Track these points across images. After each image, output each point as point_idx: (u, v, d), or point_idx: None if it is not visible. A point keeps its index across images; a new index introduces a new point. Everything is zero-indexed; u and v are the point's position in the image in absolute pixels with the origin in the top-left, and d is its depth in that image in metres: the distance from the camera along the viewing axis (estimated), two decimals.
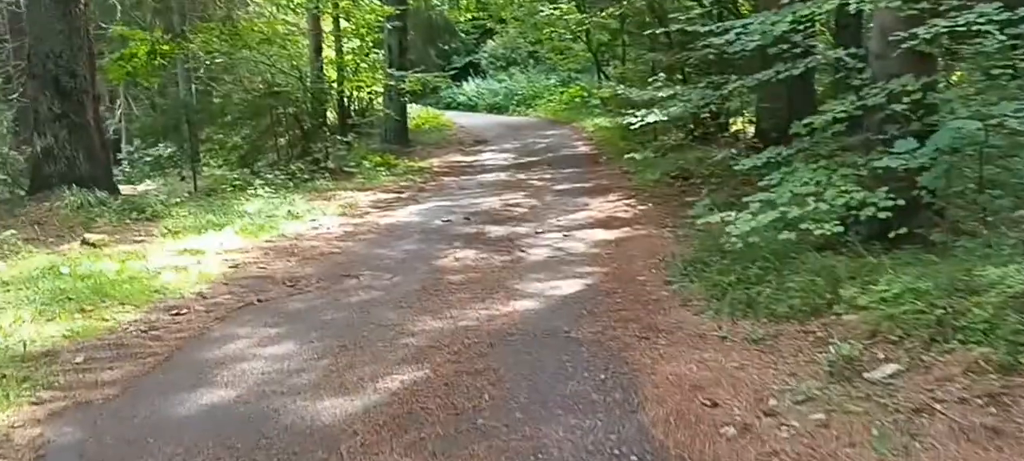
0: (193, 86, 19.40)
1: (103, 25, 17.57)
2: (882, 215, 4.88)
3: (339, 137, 18.07)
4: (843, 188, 5.24)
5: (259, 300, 5.83)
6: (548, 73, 30.36)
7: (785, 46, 6.56)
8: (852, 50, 6.38)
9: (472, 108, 32.19)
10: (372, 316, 5.27)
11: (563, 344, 4.54)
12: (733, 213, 5.52)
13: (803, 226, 5.21)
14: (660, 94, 9.04)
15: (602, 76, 24.54)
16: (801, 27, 6.20)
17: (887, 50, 5.49)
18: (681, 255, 6.40)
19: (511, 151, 17.88)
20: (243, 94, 17.28)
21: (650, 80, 10.44)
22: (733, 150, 9.97)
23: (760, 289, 5.02)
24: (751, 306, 4.87)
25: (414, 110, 26.51)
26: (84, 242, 8.05)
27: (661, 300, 5.46)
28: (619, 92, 11.75)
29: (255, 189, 11.87)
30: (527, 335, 4.74)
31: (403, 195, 11.78)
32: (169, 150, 17.90)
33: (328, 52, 22.16)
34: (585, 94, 25.73)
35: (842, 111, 5.79)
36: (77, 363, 4.52)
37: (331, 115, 22.51)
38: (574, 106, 26.01)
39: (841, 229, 5.05)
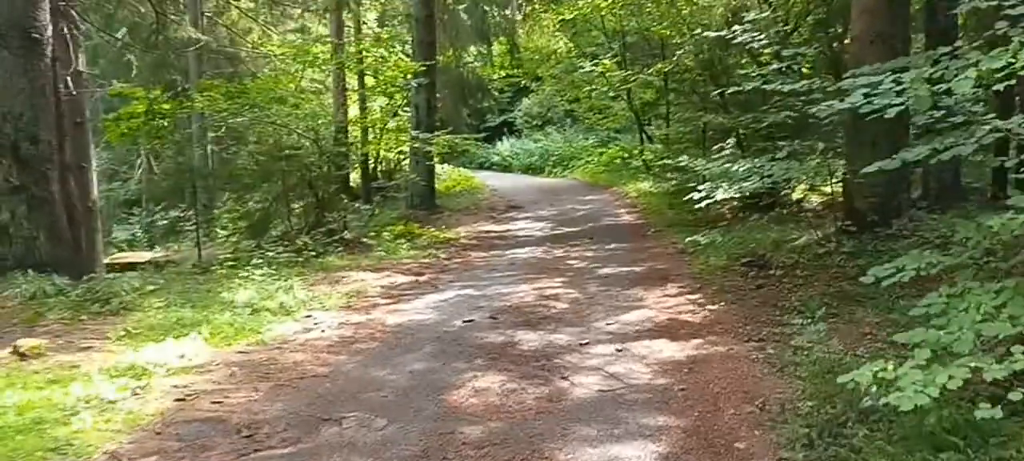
0: (209, 147, 18.12)
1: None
2: None
3: (359, 203, 16.58)
4: None
5: None
6: (586, 133, 28.80)
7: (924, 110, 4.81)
8: None
9: (506, 168, 30.72)
10: None
11: None
12: (883, 365, 3.66)
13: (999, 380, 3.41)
14: (733, 167, 7.30)
15: (644, 137, 22.92)
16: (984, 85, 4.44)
17: None
18: (791, 404, 4.57)
19: (547, 219, 16.19)
20: (256, 156, 15.89)
21: (715, 148, 8.75)
22: (816, 232, 8.21)
23: None
24: None
25: (445, 170, 25.06)
26: (15, 350, 6.42)
27: None
28: (674, 162, 9.98)
29: (253, 268, 10.29)
30: None
31: (422, 278, 10.09)
32: (179, 215, 16.60)
33: (353, 110, 20.88)
34: (625, 155, 24.07)
35: None
36: None
37: (356, 177, 21.18)
38: (614, 168, 24.36)
39: None
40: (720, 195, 7.64)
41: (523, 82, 28.99)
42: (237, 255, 12.31)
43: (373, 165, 23.19)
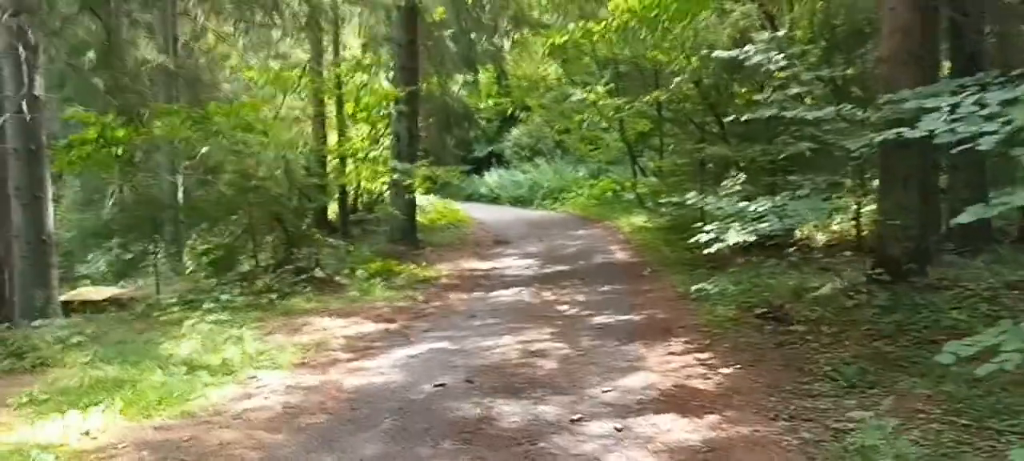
0: (179, 178, 17.02)
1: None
2: None
3: (332, 240, 15.45)
4: None
5: None
6: (576, 164, 27.79)
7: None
8: None
9: (494, 200, 29.65)
10: None
11: None
12: None
13: None
14: (750, 206, 6.25)
15: (637, 169, 21.93)
16: None
17: None
18: None
19: (536, 256, 15.10)
20: (221, 189, 14.81)
21: (725, 183, 7.73)
22: (841, 280, 7.16)
23: None
24: None
25: (430, 202, 23.98)
26: None
27: None
28: (673, 197, 8.90)
29: (205, 313, 9.18)
30: None
31: (393, 325, 8.98)
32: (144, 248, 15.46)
33: (332, 139, 19.83)
34: (618, 188, 23.05)
35: None
36: None
37: (334, 210, 20.08)
38: (606, 201, 23.30)
39: None
40: (732, 238, 6.58)
41: (511, 111, 27.99)
42: (193, 296, 11.21)
43: (354, 197, 22.12)
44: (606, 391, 5.84)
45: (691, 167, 15.99)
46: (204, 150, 13.27)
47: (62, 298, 11.33)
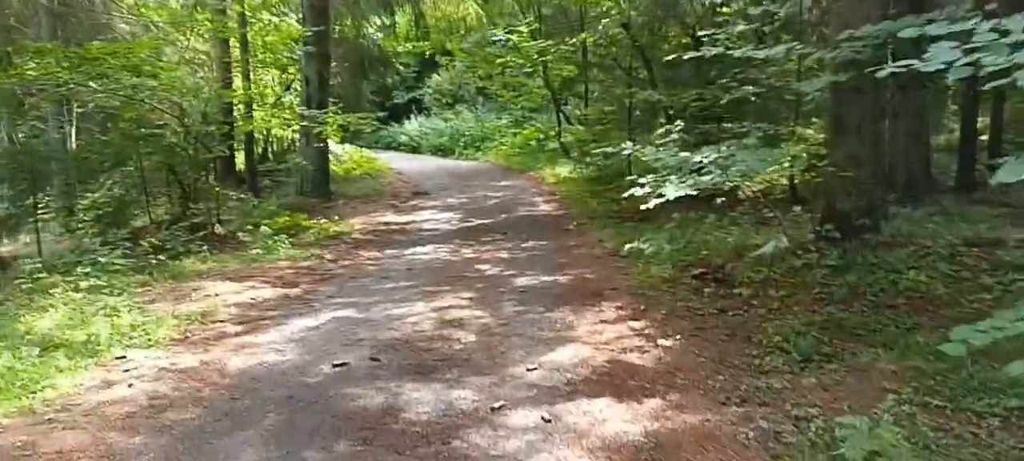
0: (68, 126, 15.53)
1: None
2: None
3: (236, 193, 14.28)
4: None
5: None
6: (499, 112, 26.88)
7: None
8: None
9: (415, 150, 28.59)
10: None
11: None
12: None
13: None
14: (693, 157, 5.53)
15: (561, 117, 21.18)
16: None
17: None
18: None
19: (456, 209, 14.26)
20: (110, 138, 13.49)
21: (660, 132, 7.00)
22: (785, 237, 6.55)
23: None
24: None
25: (345, 151, 22.83)
26: None
27: None
28: (603, 146, 8.13)
29: (80, 278, 8.11)
30: None
31: (294, 290, 8.07)
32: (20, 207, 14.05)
33: (238, 84, 18.44)
34: (542, 137, 22.29)
35: None
36: None
37: (242, 160, 18.78)
38: (529, 151, 22.52)
39: None
40: (671, 192, 5.85)
41: (430, 55, 26.78)
42: (76, 257, 10.04)
43: (263, 147, 20.82)
44: (531, 369, 5.09)
45: (618, 115, 15.32)
46: (95, 96, 12.03)
47: None
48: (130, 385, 5.01)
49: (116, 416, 4.50)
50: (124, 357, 5.61)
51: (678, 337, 5.58)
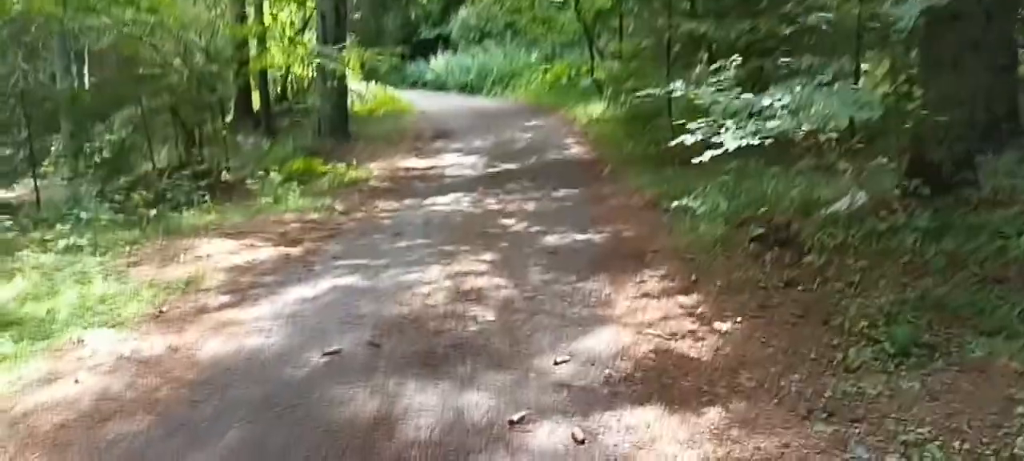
0: (76, 67, 14.72)
1: None
2: None
3: (252, 135, 13.45)
4: None
5: None
6: (529, 48, 25.60)
7: None
8: None
9: (441, 87, 27.46)
10: None
11: None
12: None
13: None
14: (766, 101, 4.51)
15: (595, 53, 19.95)
16: None
17: None
18: None
19: (481, 152, 13.27)
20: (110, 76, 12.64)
21: (713, 68, 5.95)
22: (862, 192, 5.52)
23: None
24: None
25: (369, 90, 21.83)
26: None
27: None
28: (655, 90, 7.01)
29: (59, 236, 7.33)
30: None
31: (296, 249, 7.19)
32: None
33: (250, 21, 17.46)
34: (573, 74, 21.07)
35: None
36: None
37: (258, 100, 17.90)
38: (560, 88, 21.31)
39: None
40: (731, 142, 4.83)
41: None
42: (66, 209, 9.31)
43: (281, 86, 19.90)
44: (560, 362, 4.16)
45: (656, 50, 14.10)
46: (87, 33, 11.15)
47: None
48: (77, 380, 4.17)
49: (46, 428, 3.66)
50: (82, 341, 4.77)
51: (739, 319, 4.60)
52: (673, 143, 5.55)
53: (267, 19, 16.23)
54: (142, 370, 4.32)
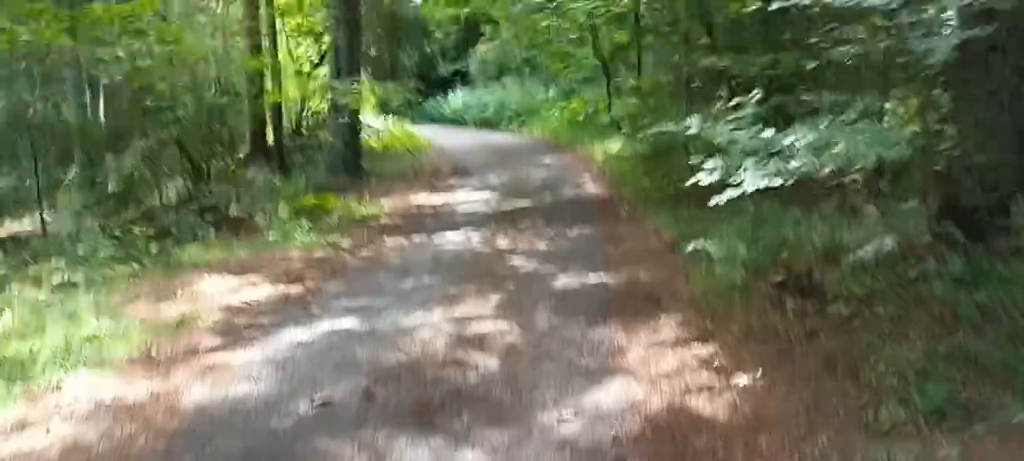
0: (90, 99, 14.62)
1: None
2: None
3: (263, 170, 13.28)
4: None
5: None
6: (547, 83, 25.48)
7: None
8: None
9: (459, 123, 27.34)
10: None
11: None
12: None
13: None
14: (787, 139, 4.24)
15: (612, 89, 19.76)
16: None
17: None
18: None
19: (496, 189, 13.02)
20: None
21: (732, 105, 5.69)
22: (889, 238, 5.21)
23: None
24: None
25: (384, 125, 21.68)
26: None
27: None
28: (660, 123, 6.77)
29: (53, 271, 7.13)
30: None
31: (296, 288, 6.93)
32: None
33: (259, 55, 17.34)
34: (591, 110, 20.87)
35: None
36: None
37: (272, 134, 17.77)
38: (578, 124, 21.11)
39: None
40: (751, 184, 4.55)
41: (468, 19, 25.28)
42: (69, 243, 9.11)
43: (296, 119, 19.80)
44: (564, 422, 3.86)
45: (674, 86, 13.88)
46: (98, 65, 11.02)
47: None
48: (46, 433, 3.90)
49: None
50: (59, 387, 4.51)
51: (759, 371, 4.28)
52: (689, 183, 5.28)
53: (281, 52, 16.11)
54: (119, 419, 4.05)
